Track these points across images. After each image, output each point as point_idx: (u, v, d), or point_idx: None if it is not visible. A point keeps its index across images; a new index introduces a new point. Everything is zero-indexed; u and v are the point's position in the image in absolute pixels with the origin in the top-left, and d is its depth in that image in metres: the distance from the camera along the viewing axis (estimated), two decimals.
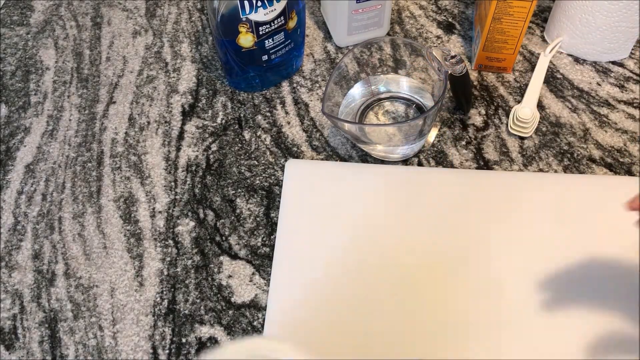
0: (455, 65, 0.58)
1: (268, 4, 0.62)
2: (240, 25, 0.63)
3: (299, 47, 0.70)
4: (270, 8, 0.62)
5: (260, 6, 0.62)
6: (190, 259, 0.58)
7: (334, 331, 0.53)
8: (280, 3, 0.63)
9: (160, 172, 0.64)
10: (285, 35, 0.66)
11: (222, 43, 0.65)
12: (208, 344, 0.53)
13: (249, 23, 0.62)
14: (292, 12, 0.65)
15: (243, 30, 0.63)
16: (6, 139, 0.67)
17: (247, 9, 0.61)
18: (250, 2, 0.61)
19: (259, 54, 0.66)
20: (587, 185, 0.61)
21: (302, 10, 0.68)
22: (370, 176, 0.62)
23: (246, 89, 0.71)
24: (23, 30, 0.77)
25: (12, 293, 0.57)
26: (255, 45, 0.65)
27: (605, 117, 0.67)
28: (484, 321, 0.53)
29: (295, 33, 0.68)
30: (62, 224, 0.61)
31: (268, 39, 0.65)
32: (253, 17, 0.62)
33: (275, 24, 0.64)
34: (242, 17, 0.62)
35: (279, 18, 0.64)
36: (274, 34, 0.65)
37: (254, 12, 0.62)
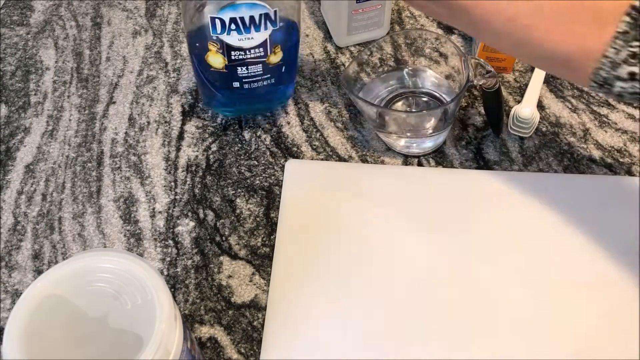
0: (485, 78, 0.59)
1: (244, 31, 0.55)
2: (210, 43, 0.56)
3: (284, 83, 0.63)
4: (246, 35, 0.56)
5: (234, 29, 0.55)
6: (190, 259, 0.58)
7: (334, 331, 0.53)
8: (260, 34, 0.56)
9: (160, 172, 0.64)
10: (264, 69, 0.59)
11: (192, 53, 0.60)
12: (208, 344, 0.53)
13: (219, 43, 0.56)
14: (275, 46, 0.58)
15: (213, 49, 0.57)
16: (6, 139, 0.67)
17: (218, 28, 0.55)
18: (222, 22, 0.54)
19: (230, 78, 0.60)
20: (587, 185, 0.61)
21: (293, 48, 0.61)
22: (370, 176, 0.62)
23: (217, 109, 0.66)
24: (23, 30, 0.77)
25: (12, 293, 0.57)
26: (226, 69, 0.58)
27: (605, 117, 0.67)
28: (484, 321, 0.53)
29: (279, 70, 0.60)
30: (62, 224, 0.61)
31: (241, 66, 0.58)
32: (225, 38, 0.56)
33: (251, 54, 0.57)
34: (212, 33, 0.55)
35: (257, 49, 0.57)
36: (250, 63, 0.58)
37: (225, 34, 0.55)
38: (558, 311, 0.53)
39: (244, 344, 0.53)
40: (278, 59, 0.59)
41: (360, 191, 0.61)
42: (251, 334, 0.54)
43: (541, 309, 0.54)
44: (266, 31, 0.56)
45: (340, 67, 0.72)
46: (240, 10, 0.54)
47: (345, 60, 0.73)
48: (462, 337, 0.52)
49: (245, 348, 0.53)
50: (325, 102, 0.69)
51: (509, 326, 0.53)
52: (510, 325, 0.53)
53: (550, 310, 0.53)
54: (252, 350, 0.53)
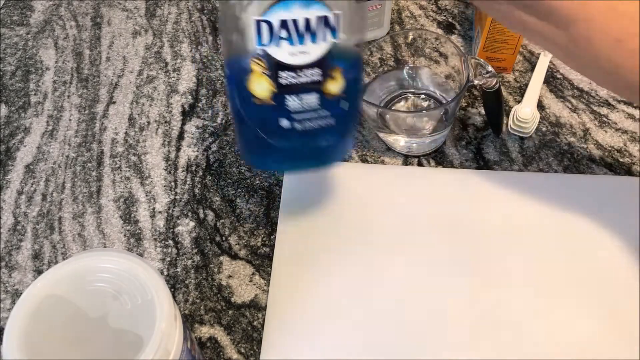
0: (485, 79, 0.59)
1: (297, 40, 0.43)
2: (253, 61, 0.43)
3: (342, 127, 0.48)
4: (299, 47, 0.43)
5: (284, 38, 0.42)
6: (190, 259, 0.58)
7: (334, 331, 0.53)
8: (317, 46, 0.43)
9: (160, 172, 0.64)
10: (320, 101, 0.45)
11: (229, 79, 0.47)
12: (208, 344, 0.53)
13: (265, 60, 0.43)
14: (334, 69, 0.45)
15: (257, 69, 0.44)
16: (6, 139, 0.67)
17: (264, 36, 0.42)
18: (270, 27, 0.42)
19: (278, 114, 0.45)
20: (587, 185, 0.61)
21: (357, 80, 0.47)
22: (370, 176, 0.62)
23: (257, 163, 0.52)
24: (23, 30, 0.77)
25: (12, 293, 0.57)
26: (273, 99, 0.45)
27: (605, 117, 0.67)
28: (484, 321, 0.53)
29: (339, 105, 0.46)
30: (62, 224, 0.61)
31: (292, 94, 0.45)
32: (273, 52, 0.43)
33: (305, 76, 0.44)
34: (257, 45, 0.43)
35: (312, 69, 0.44)
36: (303, 91, 0.45)
37: (274, 44, 0.43)
38: (558, 311, 0.53)
39: (244, 344, 0.53)
40: (338, 89, 0.46)
41: (360, 191, 0.61)
42: (251, 334, 0.54)
43: (541, 308, 0.54)
44: (324, 43, 0.44)
45: None
46: (293, 8, 0.42)
47: None
48: (462, 337, 0.52)
49: (245, 348, 0.53)
50: None
51: (508, 326, 0.53)
52: (510, 325, 0.53)
53: (550, 310, 0.53)
54: (252, 350, 0.53)
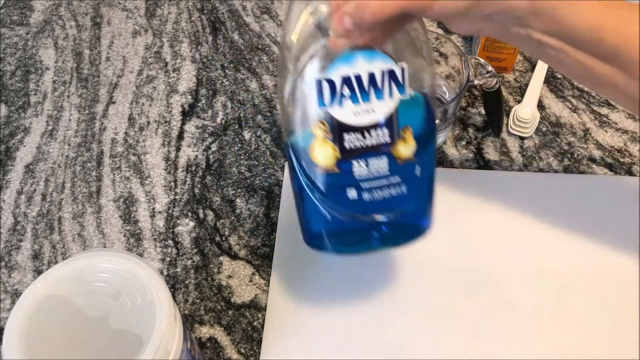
0: (485, 78, 0.58)
1: (361, 97, 0.39)
2: (315, 125, 0.40)
3: (417, 197, 0.44)
4: (364, 105, 0.39)
5: (347, 96, 0.39)
6: (190, 259, 0.58)
7: (334, 331, 0.53)
8: (383, 103, 0.39)
9: (160, 172, 0.64)
10: (390, 166, 0.41)
11: (290, 149, 0.43)
12: (208, 344, 0.53)
13: (328, 123, 0.40)
14: (404, 129, 0.40)
15: (319, 133, 0.40)
16: (6, 139, 0.67)
17: (326, 96, 0.39)
18: (332, 85, 0.39)
19: (344, 183, 0.41)
20: (587, 185, 0.61)
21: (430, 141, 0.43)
22: None
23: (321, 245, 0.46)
24: (23, 30, 0.77)
25: (11, 293, 0.57)
26: (338, 167, 0.40)
27: (605, 117, 0.67)
28: (483, 320, 0.53)
29: (412, 171, 0.42)
30: (61, 224, 0.61)
31: (359, 158, 0.40)
32: (335, 113, 0.39)
33: (371, 137, 0.40)
34: (318, 107, 0.39)
35: (379, 129, 0.40)
36: (370, 155, 0.40)
37: (337, 104, 0.39)
38: (558, 310, 0.53)
39: (244, 344, 0.53)
40: (410, 152, 0.41)
41: None
42: (251, 334, 0.54)
43: (541, 308, 0.54)
44: (391, 99, 0.40)
45: None
46: (356, 62, 0.39)
47: None
48: (462, 336, 0.52)
49: (245, 348, 0.53)
50: None
51: (508, 325, 0.53)
52: (510, 325, 0.53)
53: (550, 309, 0.53)
54: (252, 350, 0.53)
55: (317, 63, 0.39)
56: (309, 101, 0.39)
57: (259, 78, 0.72)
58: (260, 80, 0.71)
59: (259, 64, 0.73)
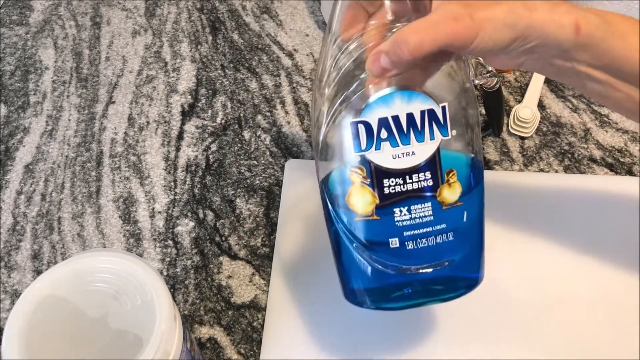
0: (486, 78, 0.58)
1: (400, 140, 0.37)
2: (352, 172, 0.38)
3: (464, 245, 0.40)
4: (404, 148, 0.37)
5: (385, 139, 0.37)
6: (189, 259, 0.58)
7: (334, 331, 0.53)
8: (424, 145, 0.37)
9: (159, 172, 0.64)
10: (434, 211, 0.38)
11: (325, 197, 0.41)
12: (208, 345, 0.53)
13: (366, 168, 0.37)
14: (450, 172, 0.38)
15: (356, 180, 0.38)
16: (5, 139, 0.67)
17: (362, 141, 0.37)
18: (369, 128, 0.36)
19: (385, 231, 0.39)
20: (587, 185, 0.61)
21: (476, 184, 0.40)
22: None
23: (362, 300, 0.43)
24: (22, 30, 0.77)
25: (11, 293, 0.57)
26: (377, 214, 0.38)
27: (606, 117, 0.67)
28: (483, 320, 0.53)
29: (459, 216, 0.39)
30: (61, 224, 0.61)
31: (399, 205, 0.38)
32: (373, 157, 0.37)
33: (412, 181, 0.37)
34: (354, 152, 0.37)
35: (421, 173, 0.37)
36: (411, 200, 0.38)
37: (374, 149, 0.37)
38: (558, 310, 0.53)
39: (243, 345, 0.53)
40: (455, 196, 0.38)
41: None
42: (251, 334, 0.54)
43: (541, 308, 0.53)
44: (433, 141, 0.37)
45: None
46: (394, 103, 0.36)
47: None
48: (462, 336, 0.52)
49: (245, 348, 0.53)
50: None
51: (508, 327, 0.53)
52: (510, 327, 0.53)
53: (550, 310, 0.53)
54: (252, 350, 0.53)
55: (352, 105, 0.37)
56: (345, 146, 0.38)
57: (259, 78, 0.71)
58: (260, 80, 0.71)
59: (259, 63, 0.73)
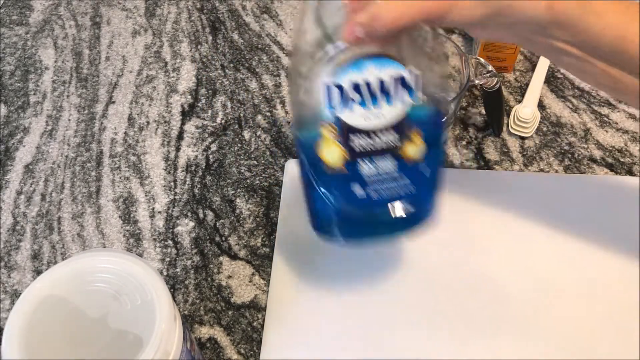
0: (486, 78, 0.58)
1: (371, 102, 0.40)
2: (324, 127, 0.40)
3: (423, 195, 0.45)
4: (374, 110, 0.40)
5: (357, 101, 0.39)
6: (189, 259, 0.58)
7: (334, 331, 0.53)
8: (393, 109, 0.40)
9: (159, 172, 0.64)
10: (397, 166, 0.42)
11: (299, 145, 0.44)
12: (208, 345, 0.53)
13: (337, 126, 0.40)
14: (413, 132, 0.41)
15: (328, 135, 0.41)
16: (5, 139, 0.67)
17: (335, 101, 0.39)
18: (342, 90, 0.39)
19: (351, 182, 0.42)
20: (587, 185, 0.61)
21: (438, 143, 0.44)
22: None
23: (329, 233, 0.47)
24: (22, 30, 0.77)
25: (11, 293, 0.57)
26: (346, 167, 0.42)
27: (606, 117, 0.67)
28: (484, 320, 0.53)
29: (419, 171, 0.43)
30: (61, 224, 0.61)
31: (366, 160, 0.41)
32: (344, 116, 0.40)
33: (380, 140, 0.41)
34: (327, 110, 0.40)
35: (387, 133, 0.41)
36: (378, 156, 0.41)
37: (345, 109, 0.40)
38: (558, 310, 0.53)
39: (243, 345, 0.53)
40: (418, 153, 0.42)
41: None
42: (251, 334, 0.54)
43: (541, 308, 0.53)
44: (401, 104, 0.40)
45: None
46: (366, 69, 0.39)
47: None
48: (462, 336, 0.52)
49: (245, 348, 0.53)
50: None
51: (508, 325, 0.53)
52: (510, 325, 0.53)
53: (550, 310, 0.53)
54: (252, 350, 0.53)
55: (327, 67, 0.39)
56: (319, 104, 0.40)
57: (259, 78, 0.71)
58: (260, 80, 0.71)
59: (259, 63, 0.73)
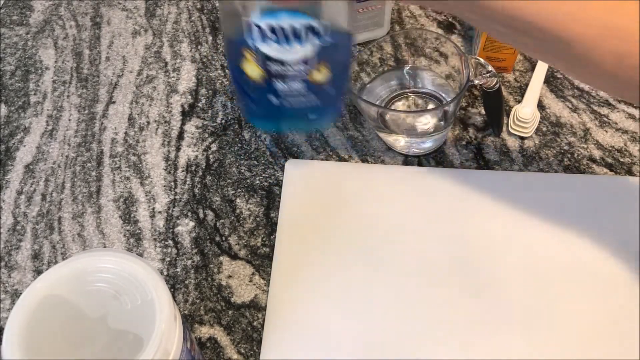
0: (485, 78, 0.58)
1: (284, 41, 0.48)
2: (246, 51, 0.49)
3: (329, 104, 0.54)
4: (287, 47, 0.48)
5: (273, 39, 0.47)
6: (190, 259, 0.58)
7: (334, 331, 0.53)
8: (303, 48, 0.48)
9: (160, 172, 0.64)
10: (306, 87, 0.51)
11: (228, 57, 0.54)
12: (208, 344, 0.53)
13: (256, 52, 0.48)
14: (321, 64, 0.49)
15: (249, 57, 0.49)
16: (6, 139, 0.67)
17: (255, 35, 0.47)
18: (261, 30, 0.47)
19: (267, 92, 0.51)
20: (587, 185, 0.61)
21: (343, 68, 0.53)
22: (370, 176, 0.62)
23: (254, 122, 0.62)
24: (22, 30, 0.77)
25: (11, 293, 0.57)
26: (263, 81, 0.50)
27: (605, 117, 0.67)
28: (484, 321, 0.53)
29: (323, 90, 0.51)
30: (61, 224, 0.61)
31: (280, 80, 0.50)
32: (262, 48, 0.48)
33: (291, 68, 0.49)
34: (249, 40, 0.48)
35: (298, 64, 0.49)
36: (289, 78, 0.50)
37: (264, 43, 0.48)
38: (558, 311, 0.53)
39: (243, 344, 0.53)
40: (323, 78, 0.51)
41: (360, 191, 0.61)
42: (251, 334, 0.54)
43: (541, 308, 0.54)
44: (309, 45, 0.48)
45: None
46: (281, 18, 0.47)
47: None
48: (462, 337, 0.52)
49: (245, 348, 0.53)
50: None
51: (509, 325, 0.53)
52: (510, 325, 0.53)
53: (550, 310, 0.53)
54: (252, 350, 0.53)
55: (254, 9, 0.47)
56: (244, 35, 0.48)
57: None
58: None
59: None
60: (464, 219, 0.59)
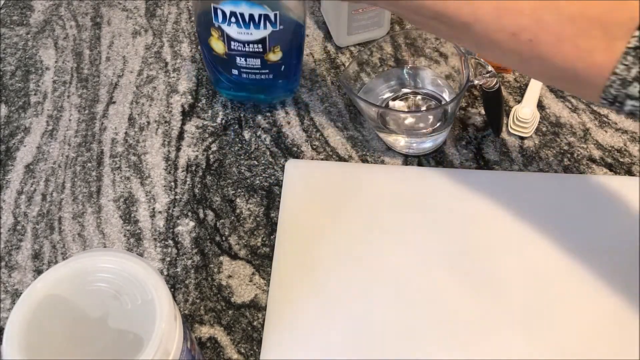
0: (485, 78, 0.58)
1: (243, 26, 0.58)
2: (212, 29, 0.59)
3: (285, 79, 0.65)
4: (245, 30, 0.58)
5: (234, 22, 0.58)
6: (190, 259, 0.58)
7: (335, 331, 0.53)
8: (259, 32, 0.58)
9: (160, 172, 0.64)
10: (262, 64, 0.62)
11: (198, 32, 0.63)
12: (208, 344, 0.53)
13: (220, 31, 0.59)
14: (275, 46, 0.60)
15: (215, 35, 0.60)
16: (6, 139, 0.67)
17: (219, 17, 0.58)
18: (223, 13, 0.57)
19: (230, 65, 0.63)
20: (587, 185, 0.61)
21: (295, 50, 0.63)
22: (370, 176, 0.62)
23: (221, 91, 0.68)
24: (23, 30, 0.77)
25: (11, 293, 0.57)
26: (227, 56, 0.61)
27: (605, 117, 0.67)
28: (484, 321, 0.53)
29: (279, 67, 0.62)
30: (62, 224, 0.61)
31: (240, 57, 0.61)
32: (225, 28, 0.59)
33: (249, 48, 0.60)
34: (214, 21, 0.58)
35: (255, 44, 0.60)
36: (248, 56, 0.61)
37: (226, 24, 0.58)
38: (558, 311, 0.53)
39: (244, 344, 0.53)
40: (277, 58, 0.61)
41: (360, 191, 0.61)
42: (251, 334, 0.54)
43: (541, 308, 0.54)
44: (265, 30, 0.58)
45: (340, 67, 0.72)
46: (240, 6, 0.57)
47: (345, 60, 0.73)
48: (462, 337, 0.52)
49: (245, 348, 0.53)
50: (325, 102, 0.69)
51: (508, 326, 0.53)
52: (510, 325, 0.53)
53: (550, 310, 0.53)
54: (252, 350, 0.53)
55: None
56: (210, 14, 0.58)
57: None
58: None
59: None
60: (464, 218, 0.59)
